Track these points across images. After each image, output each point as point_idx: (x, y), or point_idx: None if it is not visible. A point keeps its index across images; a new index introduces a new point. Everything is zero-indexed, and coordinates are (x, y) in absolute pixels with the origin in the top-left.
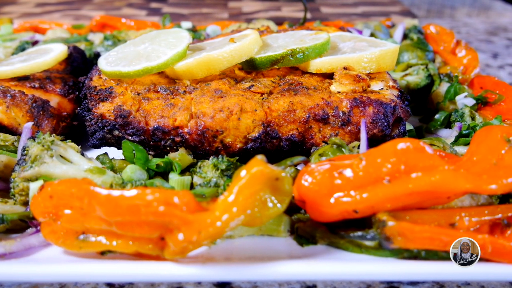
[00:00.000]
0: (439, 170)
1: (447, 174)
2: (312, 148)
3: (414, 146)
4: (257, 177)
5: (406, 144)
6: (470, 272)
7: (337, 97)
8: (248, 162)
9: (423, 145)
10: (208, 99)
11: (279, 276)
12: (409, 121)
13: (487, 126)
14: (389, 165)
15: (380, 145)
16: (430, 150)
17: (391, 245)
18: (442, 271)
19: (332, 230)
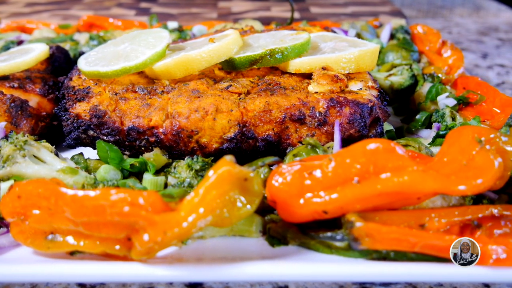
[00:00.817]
0: (408, 171)
1: (415, 175)
2: (288, 148)
3: (384, 146)
4: (224, 178)
5: (376, 144)
6: (440, 274)
7: (314, 97)
8: (216, 163)
9: (393, 146)
10: (184, 99)
11: (248, 277)
12: (392, 121)
13: (460, 127)
14: (358, 166)
15: (350, 146)
16: (401, 150)
17: (359, 246)
18: (412, 272)
19: (303, 230)
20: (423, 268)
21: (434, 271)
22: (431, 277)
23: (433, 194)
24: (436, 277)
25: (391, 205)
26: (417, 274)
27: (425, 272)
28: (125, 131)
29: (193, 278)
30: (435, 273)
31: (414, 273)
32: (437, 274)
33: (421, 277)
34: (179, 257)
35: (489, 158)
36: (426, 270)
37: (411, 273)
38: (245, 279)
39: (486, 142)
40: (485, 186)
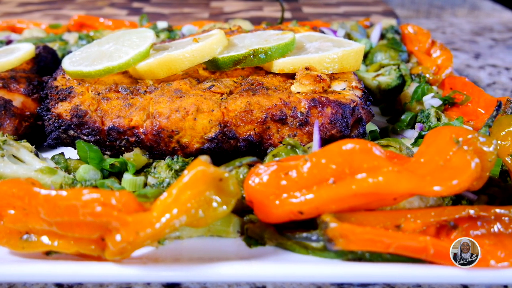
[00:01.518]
0: (382, 172)
1: (390, 176)
2: (269, 149)
3: (360, 147)
4: (198, 178)
5: (352, 145)
6: (415, 275)
7: (296, 97)
8: (191, 163)
9: (370, 146)
10: (166, 99)
11: (225, 277)
12: (378, 121)
13: (438, 127)
14: (334, 166)
15: (326, 146)
16: (378, 151)
17: (334, 247)
18: (388, 273)
19: (281, 231)
20: (399, 269)
21: (409, 272)
22: (407, 278)
23: (408, 194)
24: (412, 278)
25: (368, 205)
26: (392, 275)
27: (400, 273)
28: (106, 131)
29: (169, 278)
30: (411, 275)
31: (390, 274)
32: (413, 275)
33: (396, 278)
34: (156, 257)
35: (466, 159)
36: (402, 271)
37: (387, 274)
38: (221, 280)
39: (463, 142)
40: (461, 187)
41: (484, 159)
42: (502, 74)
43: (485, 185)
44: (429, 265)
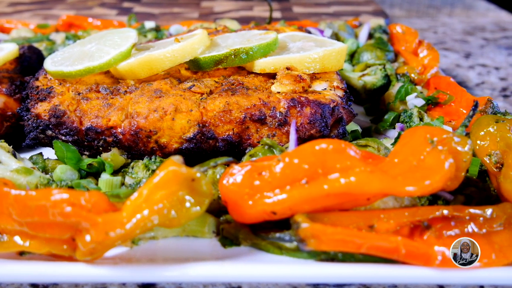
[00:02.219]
0: (355, 172)
1: (362, 176)
2: (247, 149)
3: (333, 147)
4: (170, 178)
5: (325, 145)
6: (387, 275)
7: (276, 97)
8: (162, 163)
9: (343, 146)
10: (145, 99)
11: (199, 278)
12: (362, 121)
13: (414, 127)
14: (307, 166)
15: (300, 146)
16: (351, 151)
17: (305, 247)
18: (360, 273)
19: (255, 231)
20: (372, 270)
21: (382, 272)
22: (380, 279)
23: (381, 195)
24: (384, 278)
25: (341, 206)
26: (365, 276)
27: (373, 273)
28: (83, 131)
29: (143, 278)
30: (384, 275)
31: (362, 275)
32: (385, 275)
33: (369, 278)
34: (130, 258)
35: (439, 159)
36: (375, 272)
37: (359, 274)
38: (196, 280)
39: (438, 142)
40: (434, 187)
41: (459, 159)
42: (491, 73)
43: (462, 185)
44: (402, 265)
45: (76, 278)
